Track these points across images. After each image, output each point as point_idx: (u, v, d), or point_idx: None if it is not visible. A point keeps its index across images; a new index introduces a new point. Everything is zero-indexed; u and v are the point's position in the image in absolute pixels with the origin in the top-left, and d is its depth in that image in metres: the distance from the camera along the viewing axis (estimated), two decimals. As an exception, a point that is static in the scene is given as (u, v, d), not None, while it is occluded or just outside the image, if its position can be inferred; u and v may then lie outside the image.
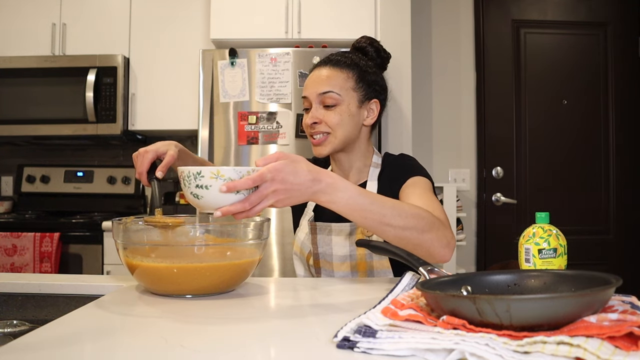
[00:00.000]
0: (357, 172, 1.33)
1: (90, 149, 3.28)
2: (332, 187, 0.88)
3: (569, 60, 3.13)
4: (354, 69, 1.27)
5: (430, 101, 3.17)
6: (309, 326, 0.75)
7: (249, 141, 2.47)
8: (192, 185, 0.85)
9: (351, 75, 1.26)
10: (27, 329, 0.89)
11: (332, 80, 1.24)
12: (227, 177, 0.83)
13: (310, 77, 1.29)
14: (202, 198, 0.85)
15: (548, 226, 0.99)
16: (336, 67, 1.27)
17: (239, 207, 0.83)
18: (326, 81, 1.24)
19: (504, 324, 0.58)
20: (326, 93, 1.23)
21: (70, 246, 2.59)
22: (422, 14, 3.16)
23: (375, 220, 0.93)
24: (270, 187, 0.83)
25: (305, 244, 1.31)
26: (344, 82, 1.25)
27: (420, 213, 0.98)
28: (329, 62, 1.29)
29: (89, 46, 2.88)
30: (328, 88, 1.23)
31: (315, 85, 1.25)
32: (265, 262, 2.44)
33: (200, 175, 0.84)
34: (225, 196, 0.83)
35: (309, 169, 0.86)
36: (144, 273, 0.93)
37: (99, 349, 0.65)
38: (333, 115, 1.23)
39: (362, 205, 0.91)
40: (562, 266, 0.97)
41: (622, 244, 3.11)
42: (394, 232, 0.95)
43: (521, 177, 3.12)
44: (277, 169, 0.83)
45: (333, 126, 1.24)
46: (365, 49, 1.36)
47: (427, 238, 0.97)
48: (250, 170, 0.84)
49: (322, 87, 1.24)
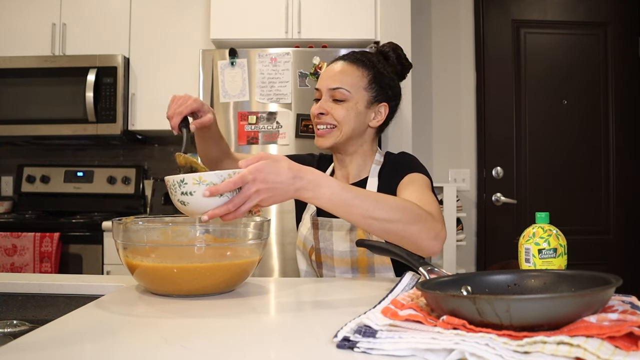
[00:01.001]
0: (358, 170, 1.33)
1: (90, 149, 3.28)
2: (314, 183, 0.89)
3: (569, 60, 3.13)
4: (371, 69, 1.29)
5: (430, 101, 3.17)
6: (309, 326, 0.75)
7: (249, 141, 2.47)
8: (178, 192, 0.87)
9: (366, 74, 1.28)
10: (27, 329, 0.89)
11: (345, 76, 1.26)
12: (209, 182, 0.85)
13: (326, 70, 1.30)
14: (188, 204, 0.87)
15: (548, 226, 0.99)
16: (353, 64, 1.28)
17: (223, 209, 0.85)
18: (339, 76, 1.26)
19: (504, 324, 0.58)
20: (336, 89, 1.25)
21: (70, 246, 2.59)
22: (422, 14, 3.16)
23: (359, 215, 0.93)
24: (252, 188, 0.84)
25: (308, 239, 1.32)
26: (357, 80, 1.26)
27: (405, 205, 0.98)
28: (348, 58, 1.31)
29: (89, 46, 2.88)
30: (339, 84, 1.25)
31: (328, 79, 1.27)
32: (265, 262, 2.44)
33: (184, 182, 0.86)
34: (210, 200, 0.85)
35: (290, 167, 0.87)
36: (144, 273, 0.93)
37: (99, 349, 0.65)
38: (340, 109, 1.25)
39: (344, 200, 0.91)
40: (562, 266, 0.97)
41: (622, 244, 3.11)
42: (378, 225, 0.95)
43: (521, 177, 3.12)
44: (257, 169, 0.85)
45: (339, 120, 1.25)
46: (388, 54, 1.37)
47: (414, 230, 0.97)
48: (231, 173, 0.86)
49: (334, 83, 1.26)
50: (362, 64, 1.29)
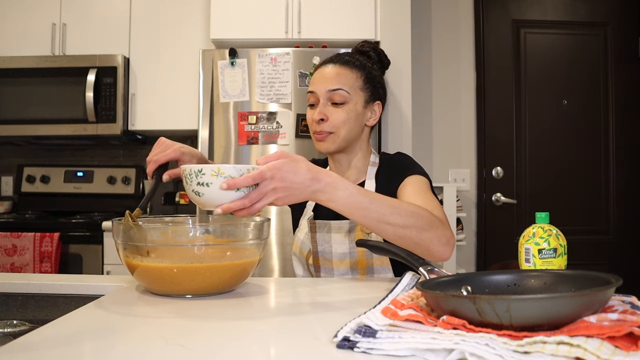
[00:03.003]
0: (356, 172, 1.33)
1: (90, 149, 3.28)
2: (332, 186, 0.89)
3: (569, 61, 3.13)
4: (363, 69, 1.29)
5: (430, 101, 3.17)
6: (309, 326, 0.75)
7: (249, 141, 2.47)
8: (194, 182, 0.87)
9: (360, 75, 1.27)
10: (27, 329, 0.89)
11: (343, 78, 1.25)
12: (227, 175, 0.85)
13: (318, 73, 1.28)
14: (203, 195, 0.87)
15: (548, 226, 0.99)
16: (346, 66, 1.27)
17: (239, 204, 0.84)
18: (336, 78, 1.25)
19: (504, 324, 0.58)
20: (336, 90, 1.24)
21: (70, 246, 2.59)
22: (422, 15, 3.16)
23: (374, 219, 0.93)
24: (269, 185, 0.84)
25: (305, 243, 1.31)
26: (354, 81, 1.26)
27: (419, 212, 0.98)
28: (339, 60, 1.29)
29: (89, 46, 2.88)
30: (338, 85, 1.24)
31: (325, 81, 1.25)
32: (265, 262, 2.44)
33: (202, 173, 0.85)
34: (226, 193, 0.85)
35: (309, 168, 0.87)
36: (144, 273, 0.93)
37: (99, 349, 0.65)
38: (340, 113, 1.24)
39: (361, 203, 0.91)
40: (562, 266, 0.97)
41: (622, 244, 3.11)
42: (393, 231, 0.95)
43: (521, 177, 3.12)
44: (276, 167, 0.84)
45: (338, 125, 1.24)
46: (369, 53, 1.37)
47: (427, 236, 0.98)
48: (250, 168, 0.85)
49: (332, 84, 1.24)
50: (354, 65, 1.28)
